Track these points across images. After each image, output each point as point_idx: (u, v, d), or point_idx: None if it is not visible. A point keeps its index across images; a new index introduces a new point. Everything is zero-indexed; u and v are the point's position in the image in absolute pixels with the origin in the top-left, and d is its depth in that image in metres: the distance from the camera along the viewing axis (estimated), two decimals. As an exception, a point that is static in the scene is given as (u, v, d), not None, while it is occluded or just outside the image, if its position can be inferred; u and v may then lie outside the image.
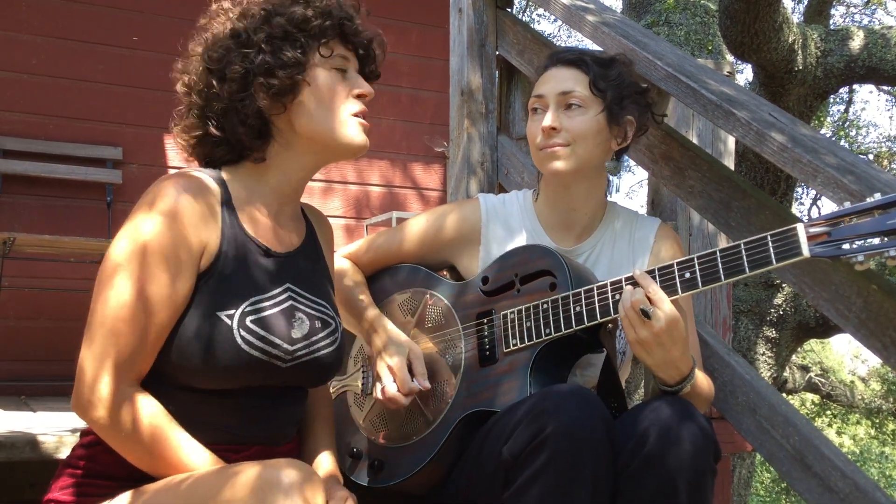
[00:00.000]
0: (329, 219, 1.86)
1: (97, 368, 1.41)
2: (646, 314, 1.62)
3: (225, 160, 1.62)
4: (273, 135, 1.60)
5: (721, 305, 3.03)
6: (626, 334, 1.67)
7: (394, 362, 1.82)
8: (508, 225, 2.01)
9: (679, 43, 7.90)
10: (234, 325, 1.46)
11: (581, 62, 1.90)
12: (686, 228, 2.98)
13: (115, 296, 1.42)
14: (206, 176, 1.55)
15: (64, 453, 2.07)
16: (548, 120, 1.87)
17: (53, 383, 4.45)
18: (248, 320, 1.47)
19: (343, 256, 2.10)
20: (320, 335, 1.60)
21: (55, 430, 2.28)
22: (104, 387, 1.40)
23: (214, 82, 1.56)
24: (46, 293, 4.59)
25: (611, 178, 1.99)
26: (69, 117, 4.77)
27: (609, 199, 2.03)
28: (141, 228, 1.45)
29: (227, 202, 1.55)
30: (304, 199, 1.76)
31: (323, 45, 1.59)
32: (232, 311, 1.46)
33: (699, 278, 1.60)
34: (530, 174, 2.59)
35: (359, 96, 1.62)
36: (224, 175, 1.60)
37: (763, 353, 6.79)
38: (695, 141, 3.06)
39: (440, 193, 5.58)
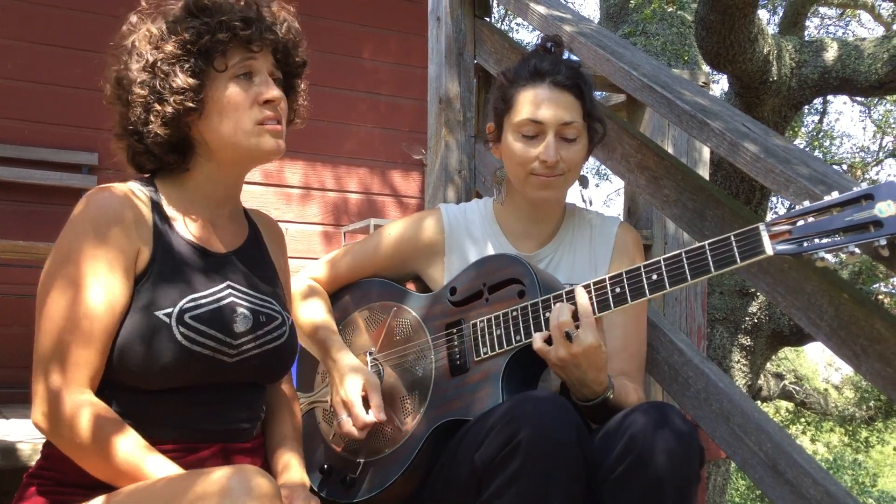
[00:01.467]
0: (307, 225, 1.87)
1: (48, 381, 1.43)
2: (568, 336, 1.66)
3: (155, 169, 1.64)
4: (193, 147, 1.62)
5: (696, 314, 3.04)
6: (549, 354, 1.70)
7: (348, 396, 1.81)
8: (471, 233, 2.03)
9: (656, 53, 7.96)
10: (173, 323, 1.47)
11: (577, 87, 1.90)
12: (661, 237, 3.00)
13: (56, 308, 1.44)
14: (136, 185, 1.58)
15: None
16: (551, 153, 1.87)
17: (26, 390, 4.40)
18: (186, 317, 1.49)
19: (309, 277, 2.10)
20: (266, 328, 1.61)
21: (30, 437, 2.25)
22: (56, 399, 1.42)
23: (121, 107, 1.60)
24: (20, 299, 4.55)
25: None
26: (44, 122, 4.75)
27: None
28: (72, 240, 1.47)
29: (157, 208, 1.57)
30: (279, 205, 1.77)
31: (217, 58, 1.57)
32: (169, 310, 1.48)
33: (666, 279, 1.62)
34: (500, 172, 2.60)
35: (265, 102, 1.60)
36: (157, 182, 1.62)
37: (738, 361, 6.84)
38: (670, 150, 3.08)
39: (418, 201, 5.58)
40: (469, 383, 1.80)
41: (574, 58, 2.08)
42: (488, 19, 2.88)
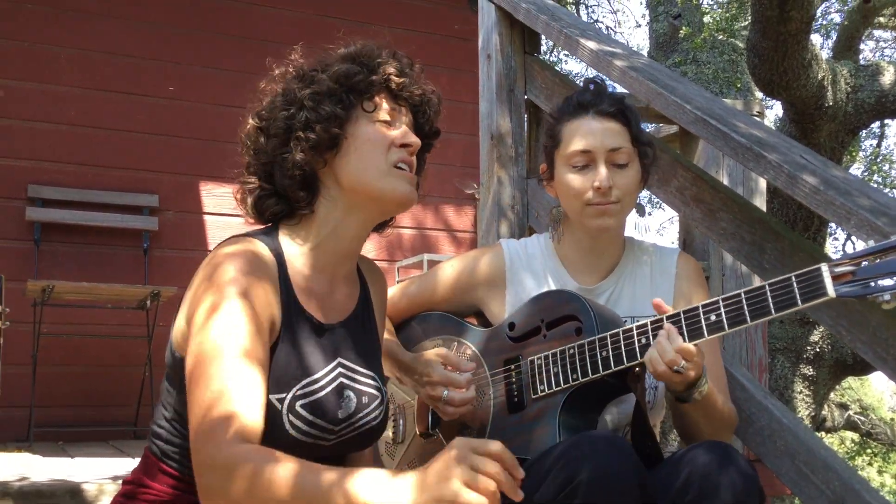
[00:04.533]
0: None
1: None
2: (678, 373, 1.63)
3: (278, 213, 1.61)
4: (320, 189, 1.60)
5: (756, 346, 2.99)
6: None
7: (436, 375, 1.85)
8: (532, 268, 2.02)
9: (707, 81, 7.91)
10: (284, 410, 1.44)
11: (621, 113, 1.90)
12: (719, 269, 2.96)
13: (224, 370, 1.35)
14: (261, 244, 1.53)
15: (104, 502, 2.08)
16: (604, 179, 1.86)
17: (91, 429, 4.48)
18: (298, 405, 1.45)
19: None
20: (367, 410, 1.58)
21: (95, 477, 2.28)
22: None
23: (261, 139, 1.60)
24: (84, 339, 4.64)
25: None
26: (106, 166, 4.87)
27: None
28: (223, 309, 1.40)
29: (282, 272, 1.53)
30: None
31: (367, 99, 1.59)
32: (283, 395, 1.44)
33: (725, 321, 1.60)
34: (557, 210, 2.60)
35: (402, 146, 1.60)
36: (280, 234, 1.60)
37: (800, 392, 6.68)
38: (725, 180, 3.05)
39: (472, 235, 5.59)
40: (526, 421, 1.79)
41: (618, 89, 2.08)
42: (538, 55, 2.89)
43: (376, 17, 5.44)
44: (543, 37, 2.92)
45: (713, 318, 1.61)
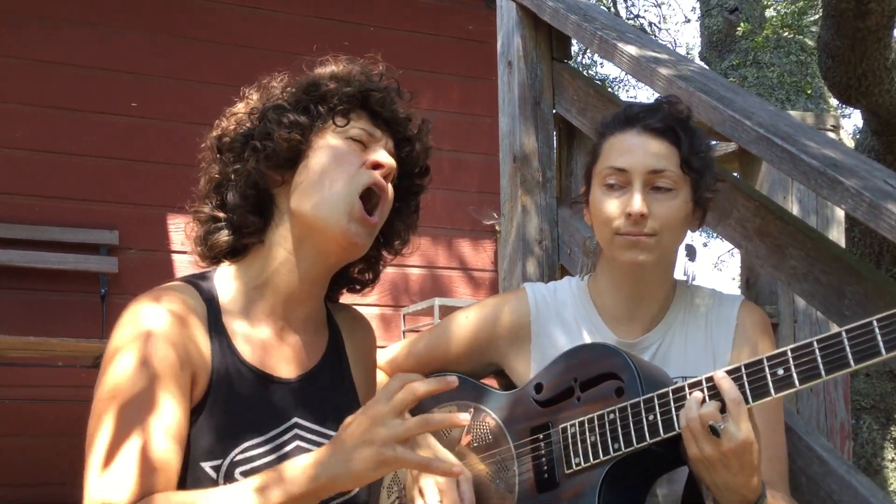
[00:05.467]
0: (360, 308, 1.86)
1: None
2: (715, 431, 1.61)
3: (227, 250, 1.64)
4: (273, 217, 1.63)
5: (837, 407, 2.97)
6: (686, 447, 1.66)
7: (442, 480, 1.80)
8: (562, 318, 2.02)
9: (771, 87, 7.93)
10: (221, 480, 1.44)
11: (671, 131, 1.89)
12: (789, 314, 2.94)
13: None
14: (189, 290, 1.57)
15: None
16: (637, 204, 1.85)
17: (34, 509, 4.47)
18: (237, 472, 1.45)
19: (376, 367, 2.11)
20: None
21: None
22: None
23: (218, 155, 1.64)
24: (32, 404, 4.64)
25: (688, 264, 1.99)
26: (57, 197, 4.90)
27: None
28: (122, 358, 1.44)
29: (214, 321, 1.55)
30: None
31: (340, 114, 1.62)
32: (218, 462, 1.45)
33: (795, 375, 1.58)
34: (591, 241, 2.60)
35: (374, 167, 1.61)
36: (217, 275, 1.62)
37: (892, 460, 6.62)
38: (795, 209, 3.04)
39: (491, 275, 5.59)
40: (560, 501, 1.78)
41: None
42: (568, 62, 2.91)
43: (375, 16, 5.49)
44: (574, 40, 2.93)
45: (781, 372, 1.60)
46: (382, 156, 1.62)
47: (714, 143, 3.27)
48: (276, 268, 1.62)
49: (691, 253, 1.97)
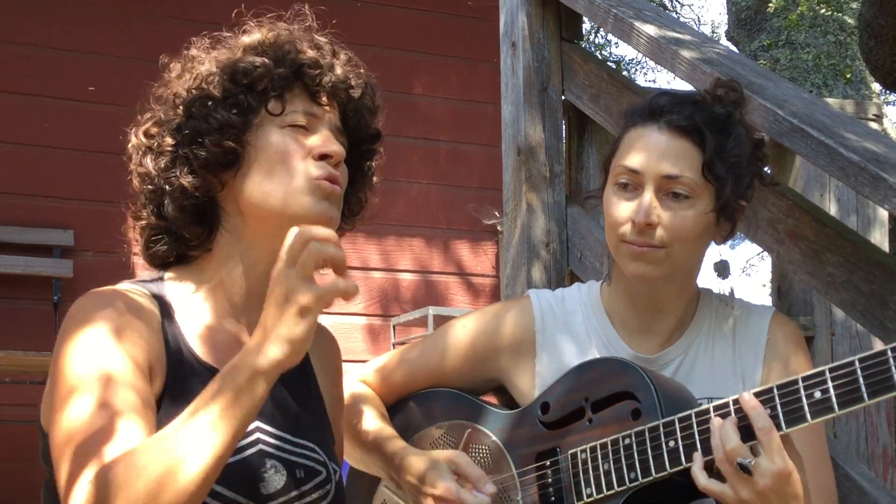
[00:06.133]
0: (345, 318, 1.87)
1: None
2: (745, 469, 1.60)
3: (170, 259, 1.68)
4: (220, 221, 1.65)
5: (880, 431, 2.98)
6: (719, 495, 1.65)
7: (441, 488, 1.81)
8: (570, 329, 2.02)
9: (806, 70, 7.94)
10: None
11: (695, 130, 1.86)
12: (826, 326, 2.95)
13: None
14: (137, 290, 1.60)
15: None
16: (643, 213, 1.83)
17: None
18: None
19: (359, 381, 2.12)
20: (305, 488, 1.60)
21: None
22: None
23: (148, 160, 1.64)
24: (-26, 425, 4.64)
25: (721, 282, 1.99)
26: (3, 193, 4.89)
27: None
28: (83, 341, 1.49)
29: (167, 319, 1.59)
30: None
31: (273, 98, 1.63)
32: None
33: (834, 400, 1.58)
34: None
35: (322, 157, 1.63)
36: (166, 281, 1.65)
37: (941, 490, 6.62)
38: (833, 209, 3.05)
39: (492, 281, 5.59)
40: (569, 537, 1.78)
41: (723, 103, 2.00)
42: (578, 42, 2.92)
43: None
44: (586, 18, 2.94)
45: (818, 394, 1.60)
46: (328, 143, 1.63)
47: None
48: (230, 271, 1.66)
49: (722, 270, 1.97)
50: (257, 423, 1.59)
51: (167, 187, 1.61)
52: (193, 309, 1.64)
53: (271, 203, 1.61)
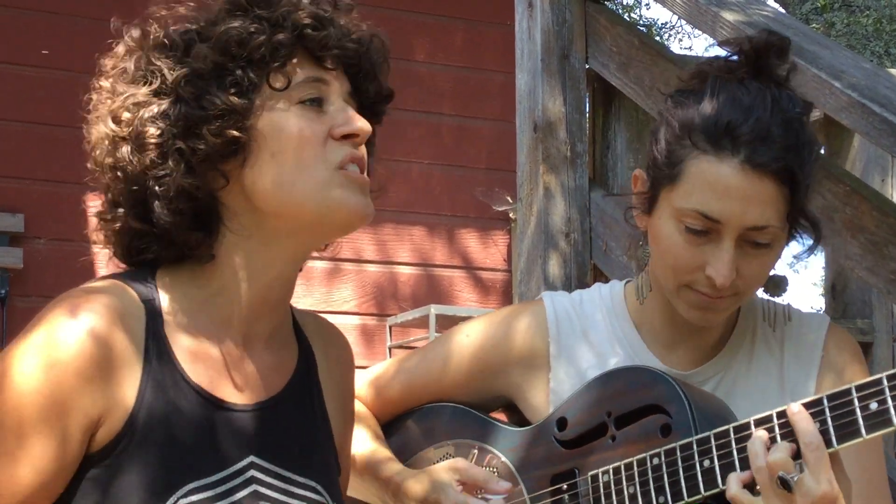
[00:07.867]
0: (337, 316, 1.87)
1: None
2: (786, 484, 1.60)
3: (159, 259, 1.61)
4: (223, 221, 1.59)
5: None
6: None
7: (451, 497, 1.84)
8: (590, 337, 2.02)
9: (866, 37, 7.94)
10: None
11: (787, 173, 1.79)
12: (887, 331, 2.95)
13: None
14: (123, 292, 1.55)
15: None
16: (723, 271, 1.78)
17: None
18: None
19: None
20: None
21: None
22: None
23: (123, 152, 1.56)
24: None
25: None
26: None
27: None
28: (14, 379, 1.46)
29: (154, 330, 1.54)
30: (300, 296, 1.77)
31: (275, 70, 1.56)
32: None
33: (893, 412, 1.58)
34: (643, 251, 2.60)
35: (345, 137, 1.59)
36: (159, 281, 1.60)
37: None
38: (896, 195, 3.05)
39: (504, 276, 5.60)
40: (589, 569, 1.80)
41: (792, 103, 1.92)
42: (605, 2, 2.92)
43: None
44: (613, -25, 2.94)
45: (874, 405, 1.59)
46: (353, 122, 1.59)
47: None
48: (233, 276, 1.60)
49: (779, 286, 1.95)
50: (252, 458, 1.56)
51: (158, 188, 1.53)
52: (187, 319, 1.58)
53: (294, 199, 1.56)
